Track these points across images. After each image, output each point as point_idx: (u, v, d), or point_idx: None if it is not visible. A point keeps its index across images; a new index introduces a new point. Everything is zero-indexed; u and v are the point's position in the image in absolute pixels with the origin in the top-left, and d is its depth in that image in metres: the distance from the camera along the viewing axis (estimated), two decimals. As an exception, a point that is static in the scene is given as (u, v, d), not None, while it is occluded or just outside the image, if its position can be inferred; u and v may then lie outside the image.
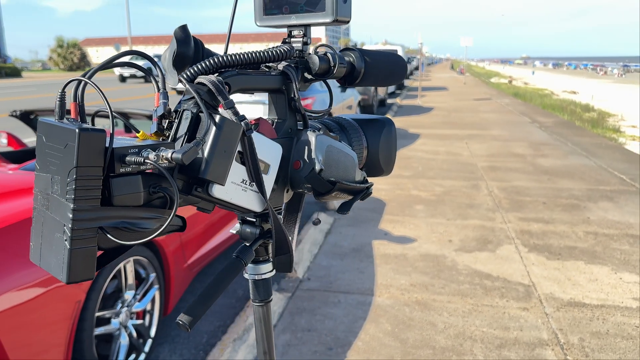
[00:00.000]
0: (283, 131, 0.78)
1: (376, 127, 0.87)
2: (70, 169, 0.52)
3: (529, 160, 7.63)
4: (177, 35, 0.67)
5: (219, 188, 0.63)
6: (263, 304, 0.85)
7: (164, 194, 0.60)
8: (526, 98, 18.68)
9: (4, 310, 1.78)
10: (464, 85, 27.64)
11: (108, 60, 0.60)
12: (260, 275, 0.83)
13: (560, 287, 3.47)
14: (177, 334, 2.93)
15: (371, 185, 0.82)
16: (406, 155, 8.01)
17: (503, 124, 11.70)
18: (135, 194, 0.57)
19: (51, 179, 0.55)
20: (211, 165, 0.59)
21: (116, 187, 0.56)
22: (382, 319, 3.05)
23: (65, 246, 0.53)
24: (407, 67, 0.89)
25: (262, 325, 0.85)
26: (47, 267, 0.57)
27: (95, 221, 0.54)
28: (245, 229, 0.80)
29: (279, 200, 0.78)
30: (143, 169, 0.57)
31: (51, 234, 0.56)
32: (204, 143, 0.59)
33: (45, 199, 0.57)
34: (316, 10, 0.74)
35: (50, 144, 0.55)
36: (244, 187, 0.67)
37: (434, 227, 4.69)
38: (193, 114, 0.62)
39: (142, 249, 2.49)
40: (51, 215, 0.56)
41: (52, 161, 0.55)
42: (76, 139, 0.52)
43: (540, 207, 5.28)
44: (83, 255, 0.54)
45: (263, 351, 0.85)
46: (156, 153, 0.56)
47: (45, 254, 0.57)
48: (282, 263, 0.77)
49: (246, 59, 0.70)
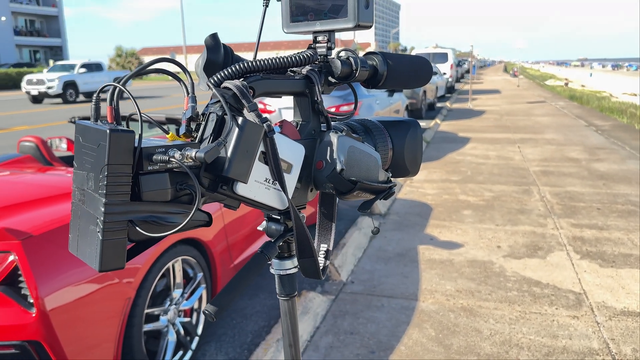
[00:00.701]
0: (306, 133, 0.81)
1: (401, 128, 0.89)
2: (102, 167, 0.57)
3: (583, 164, 7.36)
4: (207, 43, 0.71)
5: (243, 186, 0.67)
6: (288, 298, 0.88)
7: (190, 191, 0.64)
8: (582, 101, 18.00)
9: (61, 306, 1.90)
10: (517, 88, 26.93)
11: (142, 66, 0.65)
12: (285, 270, 0.86)
13: (614, 296, 3.34)
14: (224, 333, 3.01)
15: (394, 186, 0.84)
16: (455, 160, 7.89)
17: (557, 128, 11.33)
18: (162, 190, 0.62)
19: (86, 176, 0.61)
20: (234, 164, 0.63)
21: (145, 184, 0.61)
22: (426, 324, 3.03)
23: (98, 237, 0.58)
24: (432, 70, 0.90)
25: (288, 318, 0.88)
26: (82, 257, 0.62)
27: (125, 214, 0.59)
28: (271, 226, 0.83)
29: (302, 199, 0.82)
30: (171, 167, 0.62)
31: (86, 227, 0.61)
32: (226, 143, 0.63)
33: (82, 194, 0.62)
34: (339, 17, 0.77)
35: (86, 144, 0.61)
36: (267, 185, 0.70)
37: (482, 232, 4.61)
38: (218, 117, 0.67)
39: (190, 248, 2.58)
40: (86, 209, 0.62)
41: (87, 159, 0.60)
42: (107, 139, 0.57)
43: (594, 213, 5.09)
44: (114, 246, 0.59)
45: (289, 344, 0.89)
46: (181, 152, 0.61)
47: (82, 244, 0.63)
48: (307, 268, 0.80)
49: (271, 64, 0.74)
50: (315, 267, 0.79)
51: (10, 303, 1.85)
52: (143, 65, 0.65)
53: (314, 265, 0.79)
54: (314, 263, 0.78)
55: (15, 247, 1.84)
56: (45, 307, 1.85)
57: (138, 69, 0.65)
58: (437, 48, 24.74)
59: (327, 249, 0.89)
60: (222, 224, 2.86)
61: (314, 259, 0.78)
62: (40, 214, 2.06)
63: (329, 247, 0.89)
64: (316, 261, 0.78)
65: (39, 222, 1.99)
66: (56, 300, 1.88)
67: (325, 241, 0.89)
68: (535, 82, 36.59)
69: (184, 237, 2.51)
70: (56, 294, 1.88)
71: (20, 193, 2.33)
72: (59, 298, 1.89)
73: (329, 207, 0.88)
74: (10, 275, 1.86)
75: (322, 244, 0.90)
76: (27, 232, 1.89)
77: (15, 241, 1.84)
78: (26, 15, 53.30)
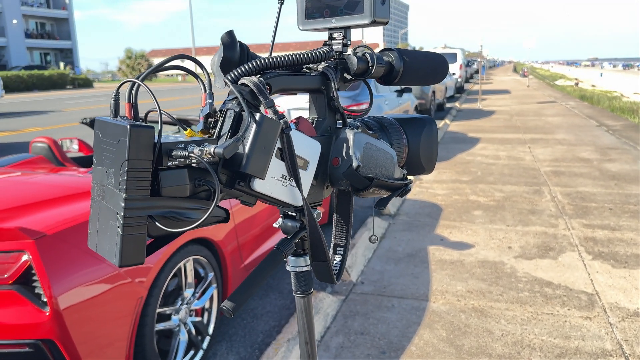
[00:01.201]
0: (322, 129, 0.81)
1: (417, 125, 0.89)
2: (122, 162, 0.58)
3: (595, 165, 7.30)
4: (223, 41, 0.72)
5: (260, 182, 0.67)
6: (304, 295, 0.88)
7: (209, 187, 0.64)
8: (593, 101, 17.86)
9: (74, 305, 1.91)
10: (527, 88, 26.78)
11: (160, 63, 0.65)
12: (301, 267, 0.86)
13: (627, 297, 3.31)
14: (235, 333, 3.02)
15: (410, 182, 0.83)
16: (465, 160, 7.86)
17: (568, 128, 11.25)
18: (181, 186, 0.62)
19: (106, 172, 0.61)
20: (251, 160, 0.63)
21: (164, 179, 0.61)
22: (437, 325, 3.02)
23: (118, 232, 0.59)
24: (448, 67, 0.90)
25: (304, 315, 0.88)
26: (102, 252, 0.63)
27: (145, 210, 0.60)
28: (287, 223, 0.83)
29: (318, 196, 0.81)
30: (189, 163, 0.62)
31: (106, 222, 0.62)
32: (244, 139, 0.64)
33: (101, 190, 0.63)
34: (355, 13, 0.77)
35: (106, 140, 0.61)
36: (284, 182, 0.70)
37: (492, 233, 4.59)
38: (236, 113, 0.67)
39: (201, 248, 2.58)
40: (106, 204, 0.62)
41: (107, 155, 0.61)
42: (128, 135, 0.57)
43: (606, 213, 5.05)
44: (134, 241, 0.59)
45: (305, 341, 0.89)
46: (200, 148, 0.61)
47: (101, 240, 0.63)
48: (321, 272, 0.80)
49: (287, 60, 0.74)
50: (329, 270, 0.79)
51: (24, 302, 1.86)
52: (161, 62, 0.65)
53: (327, 269, 0.78)
54: (327, 267, 0.78)
55: (29, 247, 1.85)
56: (59, 306, 1.86)
57: (157, 65, 0.66)
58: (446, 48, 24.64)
59: (343, 250, 0.89)
60: (232, 224, 2.86)
61: (327, 262, 0.77)
62: (53, 214, 2.08)
63: (346, 250, 0.88)
64: (329, 265, 0.78)
65: (52, 221, 2.00)
66: (69, 299, 1.89)
67: (342, 243, 0.89)
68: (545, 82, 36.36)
69: (195, 237, 2.52)
70: (69, 293, 1.89)
71: (34, 193, 2.35)
72: (72, 297, 1.90)
73: (346, 206, 0.87)
74: (24, 275, 1.88)
75: (339, 247, 0.90)
76: (40, 232, 1.90)
77: (29, 240, 1.85)
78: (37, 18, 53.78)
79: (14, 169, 2.94)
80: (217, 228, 2.71)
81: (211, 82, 0.68)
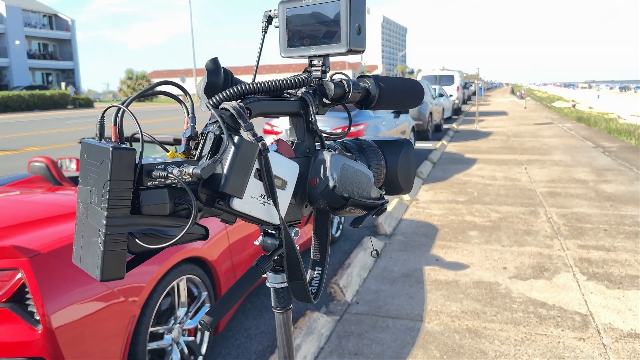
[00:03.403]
0: (301, 151, 0.85)
1: (394, 147, 0.93)
2: (105, 182, 0.61)
3: (591, 186, 7.34)
4: (208, 67, 0.76)
5: (239, 201, 0.70)
6: (283, 311, 0.91)
7: (187, 205, 0.67)
8: (590, 122, 17.99)
9: (67, 323, 1.92)
10: (524, 110, 26.97)
11: (145, 89, 0.69)
12: (280, 284, 0.89)
13: (621, 317, 3.31)
14: (228, 353, 3.01)
15: (386, 202, 0.87)
16: (461, 181, 7.90)
17: (565, 149, 11.32)
18: (161, 204, 0.66)
19: (90, 191, 0.64)
20: (230, 180, 0.67)
21: (145, 198, 0.64)
22: (431, 346, 3.02)
23: (99, 248, 0.62)
24: (423, 92, 0.94)
25: (283, 330, 0.90)
26: (85, 268, 0.66)
27: (126, 227, 0.63)
28: (267, 241, 0.87)
29: (297, 214, 0.85)
30: (169, 182, 0.66)
31: (89, 238, 0.65)
32: (222, 160, 0.67)
33: (85, 208, 0.66)
34: (333, 42, 0.81)
35: (90, 161, 0.65)
36: (262, 201, 0.73)
37: (488, 253, 4.60)
38: (216, 136, 0.70)
39: (195, 267, 2.60)
40: (89, 222, 0.65)
41: (91, 175, 0.64)
42: (110, 156, 0.61)
43: (601, 234, 5.07)
44: (115, 257, 0.62)
45: (284, 356, 0.91)
46: (180, 169, 0.64)
47: (84, 255, 0.66)
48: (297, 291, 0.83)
49: (268, 86, 0.78)
50: (306, 290, 0.82)
51: (17, 320, 1.88)
52: (146, 88, 0.69)
53: (303, 288, 0.81)
54: (303, 286, 0.81)
55: (23, 265, 1.87)
56: (52, 324, 1.87)
57: (141, 92, 0.69)
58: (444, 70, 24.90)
59: (320, 271, 0.92)
60: (227, 244, 2.88)
61: (303, 282, 0.80)
62: (48, 233, 2.10)
63: (324, 270, 0.91)
64: (305, 284, 0.81)
65: (47, 240, 2.03)
66: (62, 318, 1.91)
67: (320, 264, 0.92)
68: (543, 103, 36.63)
69: (189, 256, 2.54)
70: (62, 311, 1.91)
71: (29, 212, 2.38)
72: (65, 315, 1.91)
73: (324, 225, 0.91)
74: (18, 293, 1.90)
75: (317, 267, 0.93)
76: (35, 250, 1.92)
77: (24, 259, 1.88)
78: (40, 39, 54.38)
79: (12, 187, 2.97)
80: (211, 247, 2.73)
81: (194, 106, 0.72)
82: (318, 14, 0.82)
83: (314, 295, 0.86)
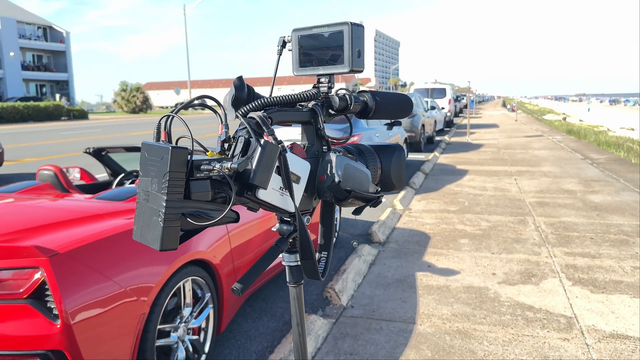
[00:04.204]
0: (312, 153, 1.03)
1: (388, 151, 1.11)
2: (164, 173, 0.78)
3: (578, 196, 7.55)
4: (235, 84, 0.93)
5: (263, 192, 0.87)
6: (296, 285, 1.08)
7: (225, 194, 0.84)
8: (580, 135, 18.32)
9: (84, 319, 2.06)
10: (515, 123, 27.35)
11: (188, 101, 0.86)
12: (294, 262, 1.06)
13: (603, 320, 3.48)
14: (229, 353, 3.15)
15: (381, 195, 1.04)
16: (453, 191, 8.09)
17: (554, 161, 11.57)
18: (205, 192, 0.83)
19: (151, 181, 0.81)
20: (257, 174, 0.83)
21: (193, 187, 0.81)
22: (423, 346, 3.17)
23: (160, 225, 0.78)
24: (412, 104, 1.11)
25: (296, 302, 1.07)
26: (145, 242, 0.82)
27: (180, 209, 0.80)
28: (283, 227, 1.04)
29: (307, 205, 1.02)
30: (211, 175, 0.83)
31: (150, 218, 0.81)
32: (252, 159, 0.84)
33: (146, 194, 0.83)
34: (337, 63, 0.99)
35: (151, 157, 0.82)
36: (281, 192, 0.90)
37: (478, 260, 4.77)
38: (245, 139, 0.88)
39: (199, 269, 2.75)
40: (150, 205, 0.82)
41: (152, 168, 0.81)
42: (169, 154, 0.77)
43: (587, 242, 5.25)
44: (171, 232, 0.79)
45: (296, 323, 1.07)
46: (221, 164, 0.81)
47: (145, 232, 0.83)
48: (308, 269, 1.00)
49: (284, 99, 0.96)
50: (315, 268, 0.99)
51: (37, 315, 2.01)
52: (190, 100, 0.87)
53: (313, 267, 0.98)
54: (313, 265, 0.98)
55: (43, 264, 2.01)
56: (70, 319, 2.01)
57: (186, 103, 0.87)
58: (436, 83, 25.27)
59: (327, 253, 1.09)
60: (229, 248, 3.03)
61: (313, 261, 0.97)
62: (64, 235, 2.25)
63: (329, 253, 1.08)
64: (315, 263, 0.98)
65: (64, 241, 2.17)
66: (80, 314, 2.05)
67: (326, 247, 1.09)
68: (534, 116, 37.11)
69: (194, 259, 2.69)
70: (80, 307, 2.05)
71: (45, 216, 2.52)
72: (82, 312, 2.06)
73: (329, 215, 1.08)
74: (38, 290, 2.04)
75: (323, 251, 1.10)
76: (54, 250, 2.07)
77: (44, 258, 2.02)
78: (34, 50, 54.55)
79: (24, 194, 3.12)
80: (215, 251, 2.88)
81: (226, 115, 0.89)
82: (325, 40, 0.99)
83: (321, 273, 1.02)
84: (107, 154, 4.31)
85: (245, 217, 3.25)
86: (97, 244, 2.23)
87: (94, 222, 2.42)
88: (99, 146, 4.20)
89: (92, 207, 2.67)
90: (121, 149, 4.14)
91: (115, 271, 2.24)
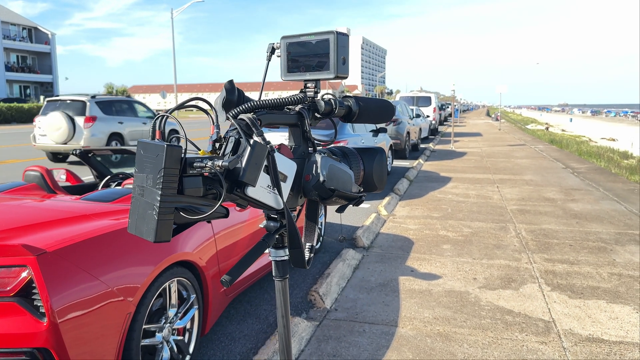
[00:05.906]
0: (298, 154, 1.08)
1: (371, 154, 1.17)
2: (159, 169, 0.83)
3: (559, 204, 7.70)
4: (226, 87, 0.98)
5: (252, 189, 0.92)
6: (282, 279, 1.13)
7: (215, 190, 0.89)
8: (562, 145, 18.62)
9: (70, 318, 2.08)
10: (498, 132, 27.69)
11: (181, 103, 0.91)
12: (280, 257, 1.12)
13: (580, 324, 3.57)
14: (213, 353, 3.18)
15: (363, 195, 1.10)
16: (436, 198, 8.20)
17: (536, 170, 11.76)
18: (197, 188, 0.88)
19: (146, 177, 0.86)
20: (247, 172, 0.89)
21: (187, 183, 0.87)
22: (405, 348, 3.23)
23: (154, 218, 0.83)
24: (394, 110, 1.18)
25: (281, 295, 1.12)
26: (140, 234, 0.87)
27: (173, 203, 0.85)
28: (270, 223, 1.09)
29: (294, 203, 1.08)
30: (203, 172, 0.88)
31: (144, 212, 0.86)
32: (242, 157, 0.89)
33: (141, 190, 0.87)
34: (323, 70, 1.05)
35: (146, 154, 0.86)
36: (269, 190, 0.96)
37: (460, 265, 4.85)
38: (236, 139, 0.93)
39: (185, 271, 2.78)
40: (145, 199, 0.86)
41: (147, 165, 0.86)
42: (164, 151, 0.82)
43: (566, 249, 5.37)
44: (165, 225, 0.84)
45: (281, 315, 1.12)
46: (212, 162, 0.86)
47: (140, 225, 0.87)
48: (296, 258, 1.05)
49: (273, 103, 1.02)
50: (302, 257, 1.04)
51: (24, 313, 2.03)
52: (183, 102, 0.92)
53: (301, 256, 1.04)
54: (301, 254, 1.03)
55: (31, 262, 2.04)
56: (56, 318, 2.03)
57: (179, 105, 0.92)
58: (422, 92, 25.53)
59: (311, 245, 1.15)
60: (214, 251, 3.07)
61: (301, 250, 1.03)
62: (52, 234, 2.27)
63: (313, 244, 1.14)
64: (303, 252, 1.03)
65: (52, 240, 2.20)
66: (66, 312, 2.07)
67: (310, 240, 1.15)
68: (517, 126, 37.59)
69: (180, 260, 2.72)
70: (67, 306, 2.07)
71: (33, 216, 2.53)
72: (69, 310, 2.08)
73: (314, 213, 1.14)
74: (25, 288, 2.06)
75: (307, 242, 1.15)
76: (41, 249, 2.09)
77: (31, 256, 2.04)
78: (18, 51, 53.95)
79: (10, 194, 3.12)
80: (201, 253, 2.92)
81: (218, 117, 0.95)
82: (312, 47, 1.05)
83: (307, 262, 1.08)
84: (94, 156, 4.33)
85: (231, 219, 3.29)
86: (85, 244, 2.26)
87: (82, 222, 2.45)
88: (85, 148, 4.21)
89: (79, 208, 2.69)
90: (108, 150, 4.15)
91: (102, 271, 2.27)
